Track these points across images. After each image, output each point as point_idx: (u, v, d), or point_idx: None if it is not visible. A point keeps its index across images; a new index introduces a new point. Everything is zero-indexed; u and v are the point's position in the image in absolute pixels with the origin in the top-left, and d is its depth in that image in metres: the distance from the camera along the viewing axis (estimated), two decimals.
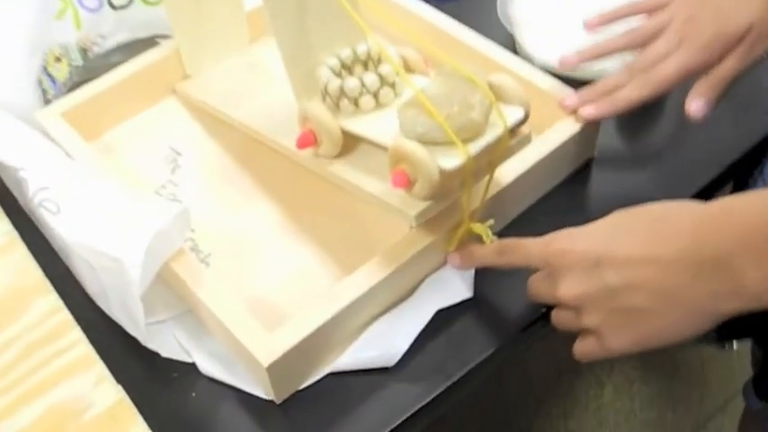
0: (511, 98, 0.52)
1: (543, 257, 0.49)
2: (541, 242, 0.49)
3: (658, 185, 0.64)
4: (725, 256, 0.40)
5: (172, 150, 0.67)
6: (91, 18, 0.67)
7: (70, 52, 0.67)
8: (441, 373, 0.53)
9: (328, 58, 0.57)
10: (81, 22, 0.66)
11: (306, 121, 0.56)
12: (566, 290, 0.46)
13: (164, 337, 0.54)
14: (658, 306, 0.43)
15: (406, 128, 0.50)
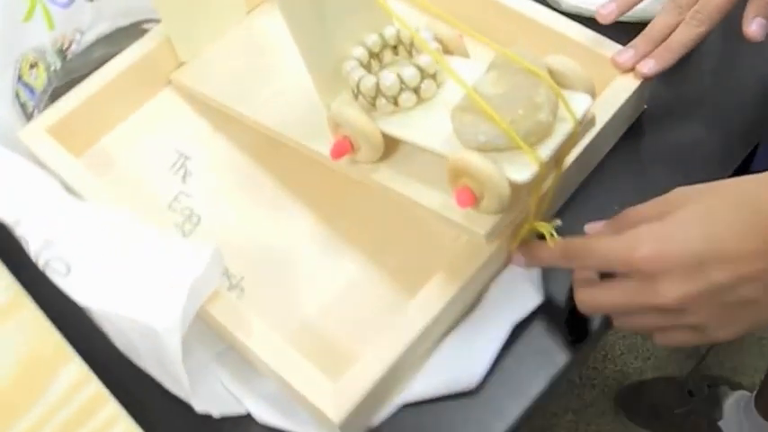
0: (574, 83, 0.46)
1: (629, 264, 0.43)
2: (622, 247, 0.43)
3: (711, 132, 0.60)
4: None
5: (178, 153, 0.60)
6: (64, 13, 0.58)
7: (46, 56, 0.59)
8: (522, 392, 0.49)
9: (353, 48, 0.50)
10: (53, 21, 0.58)
11: (338, 126, 0.49)
12: (667, 294, 0.41)
13: (211, 388, 0.49)
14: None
15: (465, 137, 0.43)
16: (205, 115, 0.63)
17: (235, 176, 0.59)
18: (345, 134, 0.49)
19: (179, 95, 0.64)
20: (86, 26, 0.61)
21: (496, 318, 0.50)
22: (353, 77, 0.48)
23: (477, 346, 0.49)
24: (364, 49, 0.50)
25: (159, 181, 0.59)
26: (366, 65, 0.50)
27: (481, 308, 0.50)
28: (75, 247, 0.46)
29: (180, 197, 0.58)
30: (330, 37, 0.49)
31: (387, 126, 0.48)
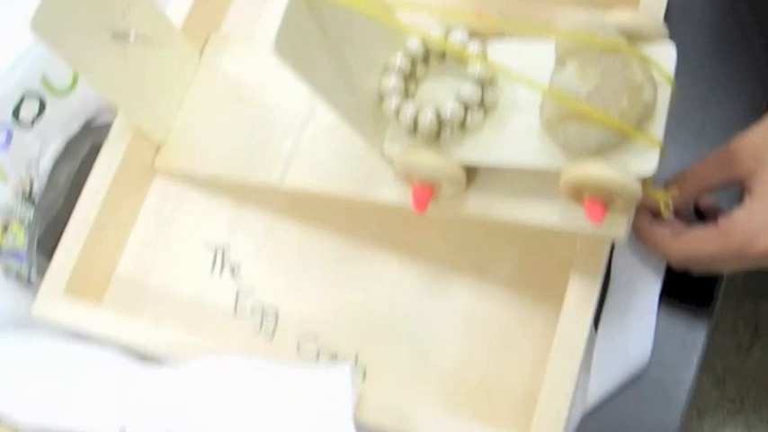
0: (649, 33, 0.41)
1: (747, 258, 0.43)
2: (737, 246, 0.42)
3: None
4: None
5: (212, 248, 0.54)
6: (7, 156, 0.50)
7: (14, 211, 0.50)
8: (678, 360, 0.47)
9: (383, 77, 0.44)
10: (2, 170, 0.49)
11: (410, 174, 0.43)
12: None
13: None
14: None
15: (574, 147, 0.39)
16: (216, 192, 0.56)
17: (286, 247, 0.54)
18: (421, 180, 0.43)
19: (174, 181, 0.57)
20: (37, 155, 0.52)
21: (639, 291, 0.47)
22: (405, 115, 0.42)
23: (632, 325, 0.47)
24: (396, 76, 0.44)
25: (206, 291, 0.54)
26: (405, 91, 0.44)
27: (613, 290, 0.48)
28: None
29: (240, 298, 0.53)
30: (355, 77, 0.43)
31: (462, 155, 0.43)
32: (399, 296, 0.51)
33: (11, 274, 0.50)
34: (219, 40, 0.58)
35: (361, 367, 0.50)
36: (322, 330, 0.51)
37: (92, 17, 0.46)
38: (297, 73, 0.39)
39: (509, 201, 0.44)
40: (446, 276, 0.51)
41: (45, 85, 0.50)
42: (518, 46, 0.44)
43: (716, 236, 0.42)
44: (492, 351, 0.49)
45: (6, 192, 0.50)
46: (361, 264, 0.52)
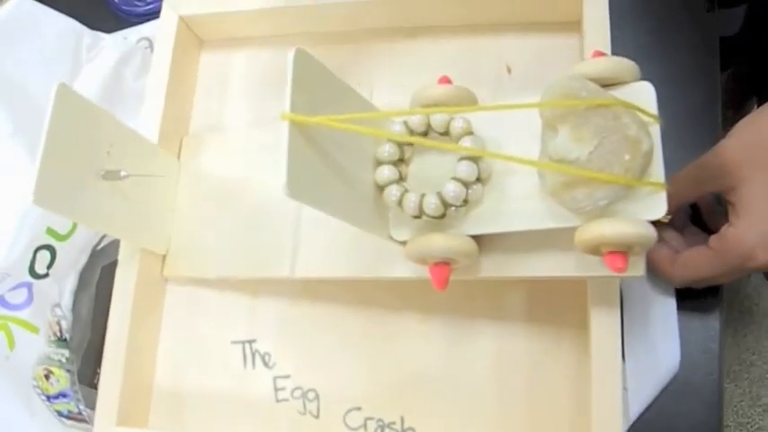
0: (623, 75, 0.37)
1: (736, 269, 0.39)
2: (736, 262, 0.39)
3: None
4: None
5: (240, 344, 0.49)
6: (33, 309, 0.44)
7: (50, 358, 0.45)
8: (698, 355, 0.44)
9: (375, 170, 0.39)
10: (33, 325, 0.43)
11: (424, 258, 0.39)
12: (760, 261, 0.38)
13: None
14: None
15: (584, 209, 0.34)
16: (229, 288, 0.50)
17: (309, 329, 0.48)
18: (436, 260, 0.39)
19: (185, 284, 0.51)
20: (57, 297, 0.46)
21: (656, 307, 0.44)
22: (409, 203, 0.37)
23: (657, 340, 0.43)
24: (389, 167, 0.39)
25: (244, 385, 0.48)
26: (400, 179, 0.39)
27: (630, 310, 0.44)
28: None
29: (278, 383, 0.48)
30: (352, 178, 0.38)
31: (470, 229, 0.38)
32: (427, 354, 0.46)
33: (63, 414, 0.45)
34: (193, 143, 0.52)
35: (410, 429, 0.46)
36: (363, 402, 0.46)
37: (82, 168, 0.40)
38: (314, 205, 0.33)
39: (522, 258, 0.39)
40: (466, 325, 0.46)
41: (51, 234, 0.45)
42: (496, 116, 0.39)
43: (712, 257, 0.39)
44: (527, 386, 0.44)
45: (41, 342, 0.45)
46: (383, 332, 0.47)
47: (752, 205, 0.38)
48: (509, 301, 0.45)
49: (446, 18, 0.50)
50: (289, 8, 0.51)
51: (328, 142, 0.35)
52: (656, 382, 0.43)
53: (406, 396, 0.46)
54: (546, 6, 0.48)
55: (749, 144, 0.39)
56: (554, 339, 0.44)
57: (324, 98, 0.35)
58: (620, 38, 0.45)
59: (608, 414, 0.39)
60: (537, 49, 0.49)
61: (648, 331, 0.43)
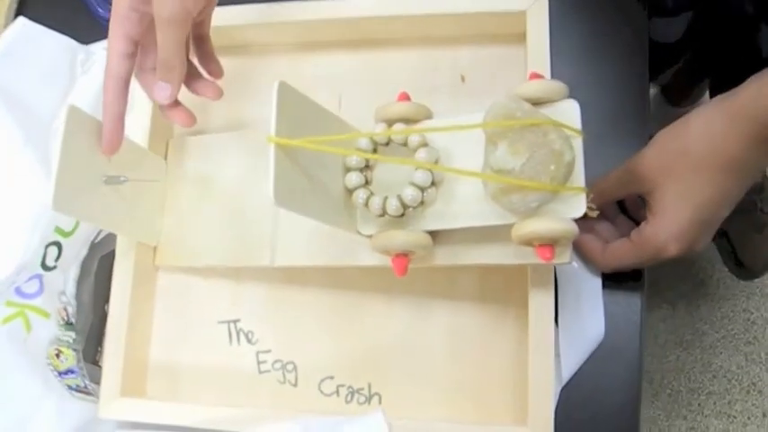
0: (551, 95, 0.46)
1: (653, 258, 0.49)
2: (651, 255, 0.49)
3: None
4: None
5: (225, 324, 0.57)
6: (44, 298, 0.52)
7: (59, 339, 0.53)
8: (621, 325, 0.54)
9: (345, 176, 0.47)
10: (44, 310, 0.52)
11: (387, 250, 0.48)
12: (673, 252, 0.48)
13: None
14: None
15: (519, 210, 0.44)
16: (215, 275, 0.59)
17: (288, 309, 0.57)
18: (397, 252, 0.48)
19: (175, 272, 0.59)
20: (63, 286, 0.54)
21: (584, 279, 0.53)
22: (374, 204, 0.46)
23: (585, 313, 0.53)
24: (357, 173, 0.47)
25: (230, 360, 0.57)
26: (366, 181, 0.48)
27: (563, 288, 0.54)
28: None
29: (261, 357, 0.57)
30: (326, 184, 0.46)
31: (426, 225, 0.47)
32: (391, 329, 0.55)
33: (72, 388, 0.53)
34: (178, 145, 0.59)
35: (376, 394, 0.55)
36: (335, 371, 0.55)
37: (89, 175, 0.47)
38: (296, 211, 0.42)
39: (470, 249, 0.49)
40: (424, 304, 0.55)
41: (59, 232, 0.53)
42: (448, 122, 0.48)
43: (633, 249, 0.48)
44: (477, 355, 0.54)
45: (52, 326, 0.53)
46: (353, 311, 0.56)
47: (664, 208, 0.47)
48: (460, 284, 0.55)
49: (407, 32, 0.58)
50: (265, 23, 0.58)
51: (306, 157, 0.44)
52: (584, 349, 0.52)
53: (372, 366, 0.55)
54: (495, 21, 0.56)
55: (663, 156, 0.48)
56: (499, 315, 0.54)
57: (302, 120, 0.43)
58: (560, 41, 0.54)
59: (543, 376, 0.49)
60: (488, 58, 0.58)
61: (578, 306, 0.53)
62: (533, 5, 0.54)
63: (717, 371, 1.37)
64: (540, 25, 0.54)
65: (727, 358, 1.37)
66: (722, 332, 1.38)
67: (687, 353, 1.38)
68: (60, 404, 0.51)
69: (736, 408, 1.36)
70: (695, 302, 1.40)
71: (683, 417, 1.37)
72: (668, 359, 1.39)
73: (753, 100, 0.44)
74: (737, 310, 1.38)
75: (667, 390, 1.38)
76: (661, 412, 1.37)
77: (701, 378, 1.38)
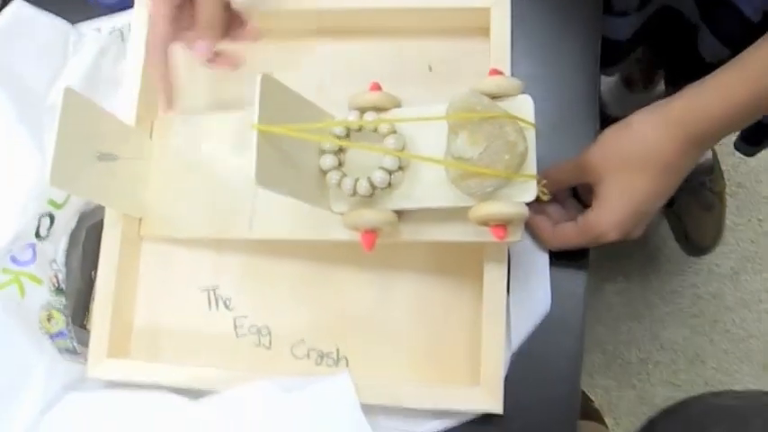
0: (508, 90, 0.50)
1: (594, 241, 0.55)
2: (592, 239, 0.55)
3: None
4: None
5: (205, 290, 0.62)
6: (37, 265, 0.56)
7: (51, 304, 0.57)
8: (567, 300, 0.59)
9: (322, 158, 0.52)
10: (38, 277, 0.56)
11: (357, 226, 0.52)
12: (613, 238, 0.54)
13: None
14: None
15: (475, 193, 0.49)
16: (196, 245, 0.63)
17: (264, 278, 0.62)
18: (366, 228, 0.52)
19: (159, 242, 0.63)
20: (53, 255, 0.58)
21: (533, 256, 0.59)
22: (346, 185, 0.51)
23: (534, 286, 0.58)
24: (331, 156, 0.52)
25: (209, 324, 0.61)
26: (339, 163, 0.52)
27: (515, 263, 0.59)
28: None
29: (238, 322, 0.61)
30: (303, 165, 0.51)
31: (393, 205, 0.52)
32: (359, 298, 0.60)
33: (62, 350, 0.57)
34: (163, 124, 0.63)
35: (344, 357, 0.60)
36: (306, 336, 0.60)
37: (83, 153, 0.51)
38: (276, 191, 0.46)
39: (432, 226, 0.54)
40: (387, 276, 0.60)
41: (51, 204, 0.56)
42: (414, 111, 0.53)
43: (578, 233, 0.54)
44: (435, 323, 0.59)
45: (44, 292, 0.57)
46: (323, 280, 0.61)
47: (607, 199, 0.53)
48: (422, 258, 0.60)
49: (380, 23, 0.62)
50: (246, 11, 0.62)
51: (286, 141, 0.48)
52: (532, 319, 0.58)
53: (341, 332, 0.60)
54: (461, 15, 0.61)
55: (608, 154, 0.53)
56: (456, 286, 0.59)
57: (283, 108, 0.48)
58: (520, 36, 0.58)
59: (495, 343, 0.54)
60: (454, 50, 0.63)
61: (527, 280, 0.58)
62: (497, 3, 0.59)
63: (664, 342, 1.45)
64: (502, 21, 0.59)
65: (674, 330, 1.45)
66: (671, 306, 1.46)
67: (638, 324, 1.46)
68: (51, 365, 0.55)
69: (681, 377, 1.44)
70: (647, 277, 1.47)
71: (632, 386, 1.45)
72: (620, 331, 1.46)
73: (686, 109, 0.50)
74: (686, 285, 1.46)
75: (618, 360, 1.46)
76: (612, 381, 1.45)
77: (649, 349, 1.46)
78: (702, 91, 0.50)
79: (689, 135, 0.49)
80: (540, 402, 0.58)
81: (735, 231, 1.46)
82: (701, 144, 0.51)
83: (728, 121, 0.49)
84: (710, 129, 0.49)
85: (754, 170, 1.47)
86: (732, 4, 0.64)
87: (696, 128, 0.49)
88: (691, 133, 0.49)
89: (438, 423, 0.57)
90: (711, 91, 0.49)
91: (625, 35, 0.75)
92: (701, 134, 0.50)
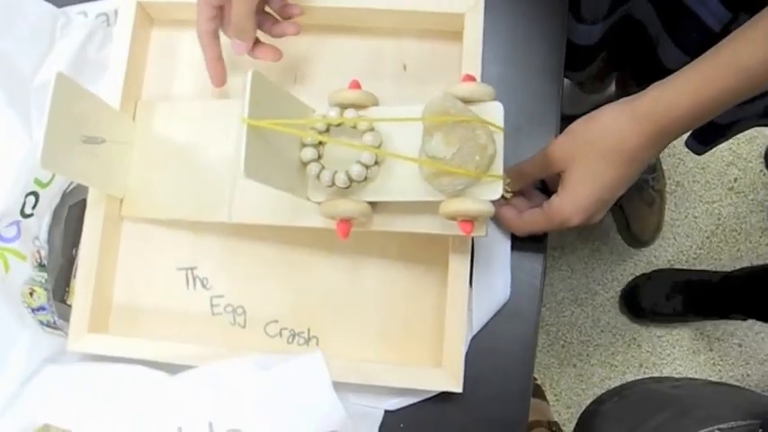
0: (481, 95, 0.52)
1: (559, 226, 0.57)
2: (557, 224, 0.56)
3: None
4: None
5: (183, 270, 0.63)
6: (21, 242, 0.56)
7: (34, 279, 0.57)
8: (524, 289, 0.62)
9: (303, 150, 0.53)
10: (22, 253, 0.56)
11: (333, 215, 0.54)
12: (575, 223, 0.56)
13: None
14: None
15: (447, 190, 0.51)
16: (176, 226, 0.63)
17: (240, 260, 0.63)
18: (341, 218, 0.54)
19: (139, 222, 0.63)
20: (37, 231, 0.58)
21: (496, 249, 0.61)
22: (324, 177, 0.52)
23: (495, 275, 0.61)
24: (311, 149, 0.53)
25: (187, 302, 0.62)
26: (318, 157, 0.54)
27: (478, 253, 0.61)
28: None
29: (214, 301, 0.62)
30: (285, 156, 0.52)
31: (368, 197, 0.53)
32: (330, 281, 0.62)
33: (43, 324, 0.58)
34: (146, 108, 0.63)
35: (314, 337, 0.62)
36: (280, 317, 0.62)
37: (71, 136, 0.52)
38: (262, 183, 0.47)
39: (403, 218, 0.56)
40: (358, 261, 0.62)
41: (37, 183, 0.56)
42: (392, 111, 0.54)
43: (543, 218, 0.56)
44: (402, 307, 0.61)
45: (27, 267, 0.57)
46: (298, 264, 0.62)
47: (571, 186, 0.55)
48: (392, 246, 0.62)
49: (358, 22, 0.64)
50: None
51: (271, 134, 0.49)
52: (492, 306, 0.61)
53: (312, 313, 0.62)
54: (436, 19, 0.62)
55: (575, 143, 0.55)
56: (423, 273, 0.61)
57: (269, 102, 0.49)
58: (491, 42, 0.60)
59: (457, 327, 0.57)
60: (429, 51, 0.64)
61: (489, 271, 0.61)
62: (471, 10, 0.60)
63: (604, 326, 1.51)
64: (475, 27, 0.60)
65: (614, 316, 1.51)
66: (611, 293, 1.52)
67: (581, 309, 1.51)
68: (33, 337, 0.56)
69: (618, 358, 1.50)
70: (591, 266, 1.52)
71: (573, 365, 1.50)
72: (564, 314, 1.51)
73: (653, 104, 0.51)
74: (626, 274, 1.51)
75: (561, 341, 1.51)
76: (554, 360, 1.50)
77: (590, 332, 1.51)
78: (671, 86, 0.51)
79: (655, 128, 0.51)
80: (496, 381, 0.61)
81: (672, 226, 1.52)
82: (665, 137, 0.53)
83: (695, 116, 0.51)
84: (677, 123, 0.51)
85: (692, 171, 1.53)
86: (694, 14, 0.66)
87: (663, 121, 0.51)
88: (657, 127, 0.51)
89: (402, 400, 0.60)
90: (681, 86, 0.51)
91: (592, 41, 0.77)
92: (667, 128, 0.52)
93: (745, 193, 1.53)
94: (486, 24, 0.61)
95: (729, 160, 1.53)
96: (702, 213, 1.52)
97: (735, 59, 0.49)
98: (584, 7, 0.72)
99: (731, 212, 1.52)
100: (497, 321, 0.62)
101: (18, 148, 0.53)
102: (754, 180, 1.53)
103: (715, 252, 1.51)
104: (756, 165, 1.53)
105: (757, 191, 1.53)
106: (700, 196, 1.53)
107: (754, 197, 1.52)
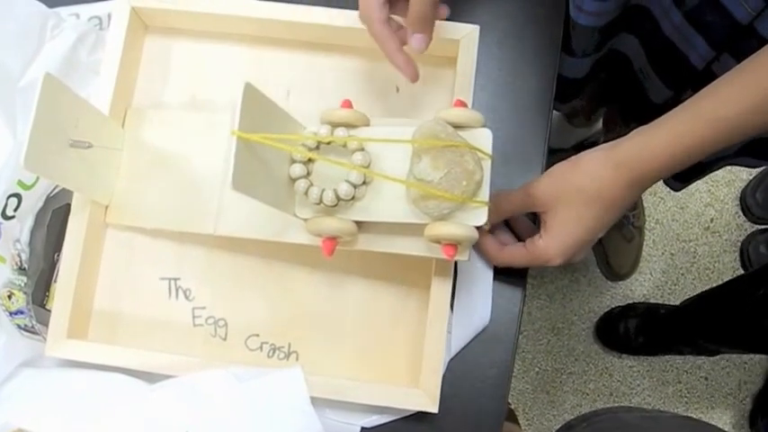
0: (471, 121, 0.51)
1: (539, 266, 0.56)
2: (540, 262, 0.55)
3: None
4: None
5: (167, 281, 0.61)
6: (2, 244, 0.54)
7: (13, 281, 0.55)
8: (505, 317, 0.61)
9: (292, 167, 0.52)
10: (2, 257, 0.54)
11: (319, 233, 0.53)
12: (557, 263, 0.55)
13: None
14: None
15: (432, 213, 0.50)
16: (160, 235, 0.62)
17: (224, 272, 0.61)
18: (327, 236, 0.53)
19: (124, 230, 0.62)
20: (18, 234, 0.56)
21: (479, 274, 0.60)
22: (312, 194, 0.51)
23: (476, 300, 0.59)
24: (300, 166, 0.52)
25: (169, 312, 0.61)
26: (307, 174, 0.52)
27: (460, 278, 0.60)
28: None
29: (196, 313, 0.60)
30: (274, 172, 0.51)
31: (355, 216, 0.52)
32: (311, 297, 0.61)
33: (21, 327, 0.56)
34: (136, 115, 0.62)
35: (294, 352, 0.60)
36: (260, 330, 0.60)
37: (57, 139, 0.50)
38: (250, 196, 0.46)
39: (388, 239, 0.54)
40: (341, 279, 0.61)
41: (20, 185, 0.54)
42: (382, 131, 0.53)
43: (526, 255, 0.55)
44: (382, 327, 0.60)
45: (6, 270, 0.55)
46: (281, 279, 0.61)
47: (554, 228, 0.54)
48: (375, 266, 0.61)
49: (352, 41, 0.63)
50: (223, 15, 0.61)
51: (260, 149, 0.48)
52: (471, 330, 0.59)
53: (293, 327, 0.60)
54: (432, 44, 0.61)
55: (556, 186, 0.54)
56: (404, 294, 0.60)
57: (261, 116, 0.48)
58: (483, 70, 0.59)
59: (435, 348, 0.55)
60: (422, 75, 0.63)
61: (471, 295, 0.60)
62: (466, 37, 0.60)
63: (579, 355, 1.50)
64: (469, 54, 0.60)
65: (588, 345, 1.50)
66: (587, 323, 1.51)
67: (557, 338, 1.50)
68: (10, 341, 0.54)
69: (590, 386, 1.49)
70: (569, 296, 1.52)
71: (546, 391, 1.49)
72: (540, 342, 1.50)
73: (633, 152, 0.51)
74: (602, 306, 1.51)
75: (536, 368, 1.50)
76: (528, 386, 1.49)
77: (564, 360, 1.50)
78: (651, 134, 0.51)
79: (634, 176, 0.51)
80: (472, 404, 0.59)
81: (650, 262, 1.52)
82: (645, 183, 0.52)
83: (674, 164, 0.51)
84: (655, 170, 0.51)
85: (671, 210, 1.53)
86: (680, 51, 0.66)
87: (642, 169, 0.51)
88: (636, 174, 0.51)
89: (379, 417, 0.58)
90: (661, 135, 0.50)
91: (581, 74, 0.77)
92: (646, 175, 0.51)
93: (720, 233, 1.53)
94: (480, 53, 0.60)
95: (707, 201, 1.54)
96: (679, 251, 1.52)
97: (714, 111, 0.49)
98: (575, 41, 0.72)
99: (706, 251, 1.52)
100: (476, 345, 0.60)
101: (1, 149, 0.51)
102: (730, 221, 1.53)
103: (689, 289, 1.51)
104: (732, 207, 1.54)
105: (731, 231, 1.53)
106: (677, 234, 1.53)
107: (728, 237, 1.53)
